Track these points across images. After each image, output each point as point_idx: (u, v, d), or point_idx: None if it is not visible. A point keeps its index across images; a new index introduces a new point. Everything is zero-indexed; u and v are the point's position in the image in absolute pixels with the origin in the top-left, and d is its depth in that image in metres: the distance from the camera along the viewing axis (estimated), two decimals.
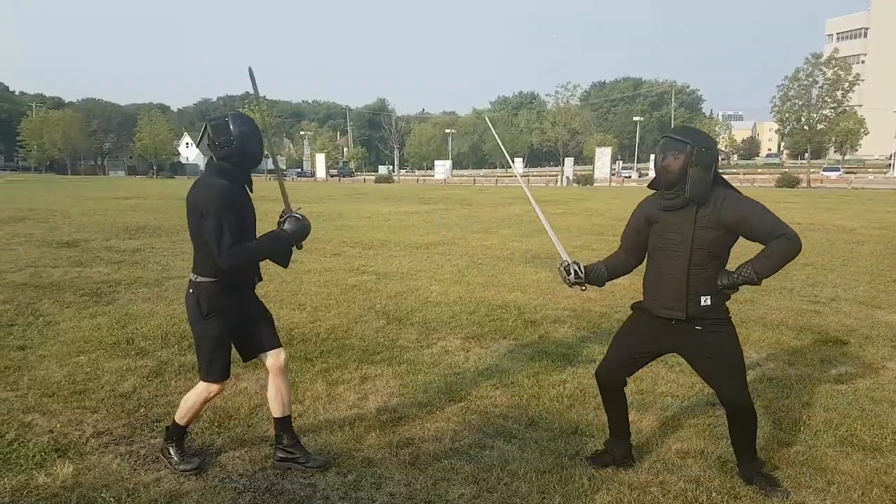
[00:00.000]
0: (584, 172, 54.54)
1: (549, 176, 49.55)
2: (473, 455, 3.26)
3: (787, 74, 49.61)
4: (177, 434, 3.10)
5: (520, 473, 3.06)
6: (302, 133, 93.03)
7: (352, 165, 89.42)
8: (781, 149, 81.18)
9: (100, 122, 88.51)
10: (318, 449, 3.32)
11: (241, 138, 2.87)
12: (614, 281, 3.28)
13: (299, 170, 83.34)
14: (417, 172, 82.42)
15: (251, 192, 3.08)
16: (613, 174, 53.56)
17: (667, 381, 4.38)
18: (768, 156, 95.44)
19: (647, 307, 2.96)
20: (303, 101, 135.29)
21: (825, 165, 61.20)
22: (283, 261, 3.08)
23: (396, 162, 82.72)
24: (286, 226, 3.01)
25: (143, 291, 7.31)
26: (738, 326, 5.84)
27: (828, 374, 4.57)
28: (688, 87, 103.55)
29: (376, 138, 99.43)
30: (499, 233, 13.78)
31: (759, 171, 59.12)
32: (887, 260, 9.80)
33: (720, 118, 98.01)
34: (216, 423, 3.61)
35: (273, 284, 7.73)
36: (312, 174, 75.52)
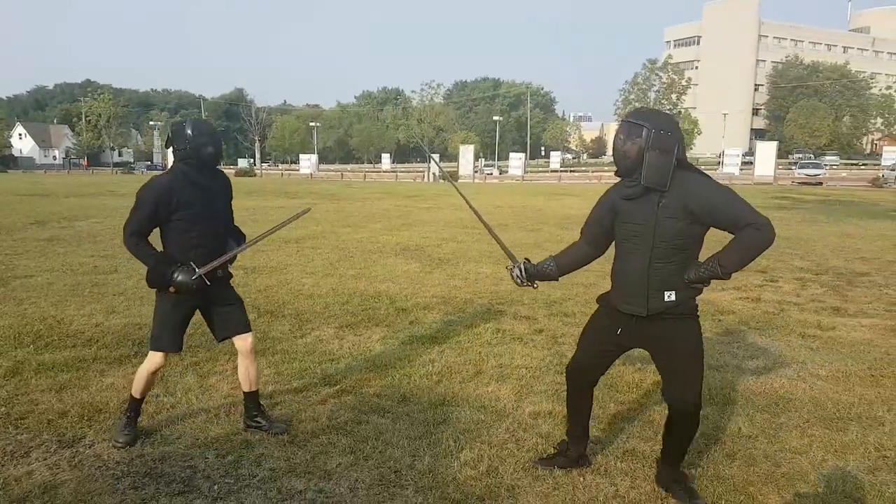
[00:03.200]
0: (449, 169, 55.98)
1: (417, 172, 50.41)
2: (350, 430, 3.49)
3: (627, 79, 54.28)
4: (131, 406, 3.33)
5: (393, 441, 3.34)
6: (151, 123, 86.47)
7: None
8: None
9: None
10: (194, 436, 3.38)
11: (195, 142, 3.09)
12: (478, 269, 3.57)
13: (149, 163, 77.48)
14: (281, 166, 79.88)
15: (225, 187, 3.34)
16: (476, 171, 55.52)
17: (522, 356, 4.87)
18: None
19: (612, 302, 2.83)
20: (151, 90, 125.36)
21: None
22: (150, 282, 3.18)
23: (258, 155, 79.65)
24: (176, 274, 3.08)
25: None
26: (584, 306, 6.62)
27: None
28: (542, 88, 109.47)
29: (235, 130, 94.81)
30: (369, 227, 13.97)
31: (606, 168, 64.21)
32: (713, 247, 11.24)
33: (571, 119, 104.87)
34: (85, 418, 3.54)
35: (131, 281, 7.39)
36: (164, 167, 70.63)
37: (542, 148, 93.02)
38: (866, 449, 3.31)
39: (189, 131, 3.09)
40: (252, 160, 77.48)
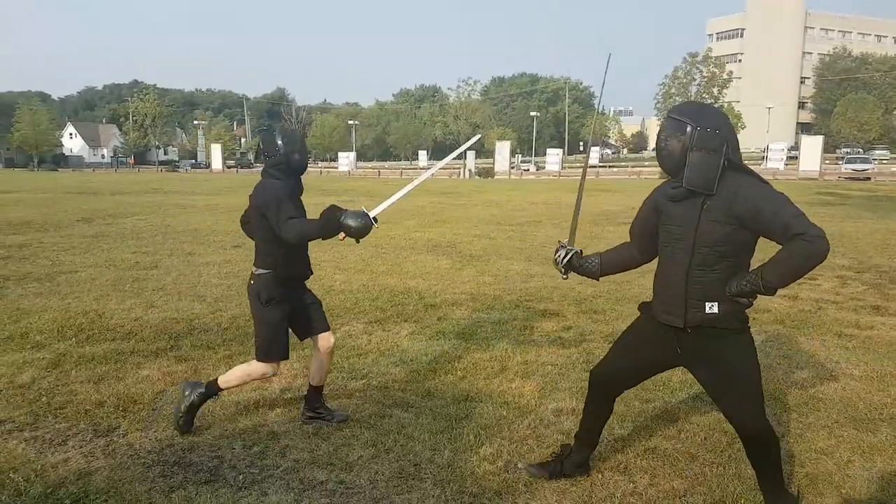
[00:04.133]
0: (485, 165, 55.89)
1: (453, 169, 50.58)
2: (373, 423, 3.56)
3: (666, 73, 53.29)
4: (209, 390, 3.41)
5: (415, 436, 3.39)
6: (196, 123, 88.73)
7: (250, 156, 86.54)
8: None
9: None
10: (223, 427, 3.49)
11: (285, 150, 3.24)
12: (508, 266, 3.54)
13: (193, 161, 79.49)
14: (320, 164, 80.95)
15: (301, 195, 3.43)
16: (513, 167, 55.29)
17: (548, 353, 4.86)
18: (654, 149, 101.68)
19: (653, 310, 2.63)
20: (196, 90, 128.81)
21: None
22: (324, 236, 3.17)
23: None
24: (348, 218, 3.08)
25: (34, 286, 7.02)
26: (615, 304, 6.57)
27: None
28: (581, 83, 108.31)
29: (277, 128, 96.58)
30: (403, 224, 14.08)
31: (647, 163, 63.15)
32: None
33: (612, 114, 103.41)
34: (120, 409, 3.70)
35: (171, 277, 7.64)
36: (208, 166, 72.36)
37: (581, 143, 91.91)
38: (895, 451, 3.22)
39: (280, 140, 3.24)
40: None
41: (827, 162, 46.58)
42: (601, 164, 60.21)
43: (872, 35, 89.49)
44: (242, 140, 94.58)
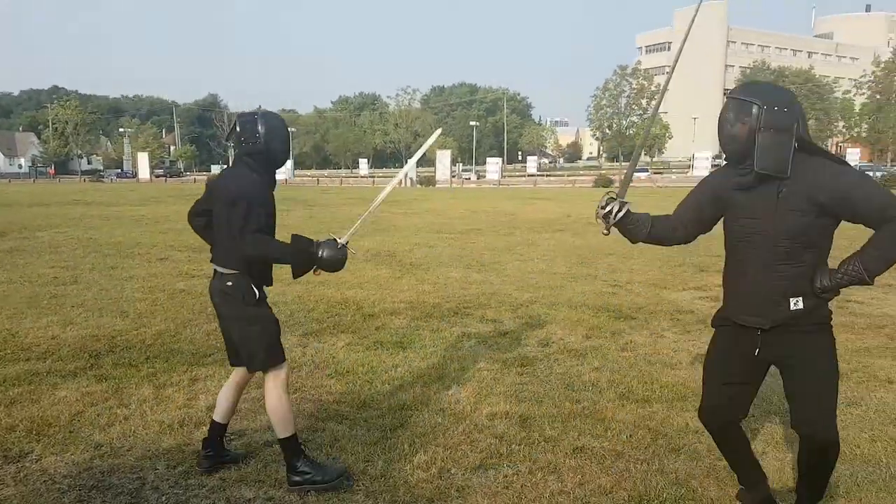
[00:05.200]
0: (426, 174, 56.10)
1: (394, 177, 50.71)
2: (306, 438, 3.47)
3: (598, 85, 55.13)
4: (293, 449, 2.93)
5: (348, 448, 3.34)
6: (121, 130, 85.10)
7: (180, 165, 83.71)
8: (601, 152, 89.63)
9: None
10: (145, 447, 3.35)
11: (267, 137, 2.84)
12: (448, 274, 3.53)
13: (119, 170, 76.22)
14: (224, 168, 79.35)
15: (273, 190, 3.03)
16: (454, 176, 55.75)
17: (485, 359, 4.91)
18: (589, 158, 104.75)
19: (729, 315, 2.43)
20: (122, 96, 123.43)
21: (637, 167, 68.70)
22: (295, 272, 2.86)
23: (231, 161, 78.91)
24: (323, 250, 2.81)
25: None
26: (549, 308, 6.71)
27: (616, 343, 5.39)
28: (518, 94, 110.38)
29: (207, 136, 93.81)
30: (341, 232, 13.93)
31: (581, 172, 64.88)
32: (676, 248, 11.40)
33: (548, 124, 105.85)
34: (34, 432, 3.49)
35: (91, 292, 7.29)
36: (135, 175, 69.56)
37: (520, 152, 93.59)
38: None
39: (262, 127, 2.83)
40: (225, 166, 76.63)
41: None
42: (539, 173, 61.44)
43: (789, 49, 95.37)
44: (172, 148, 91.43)
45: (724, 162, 2.42)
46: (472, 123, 79.27)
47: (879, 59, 61.47)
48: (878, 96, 65.21)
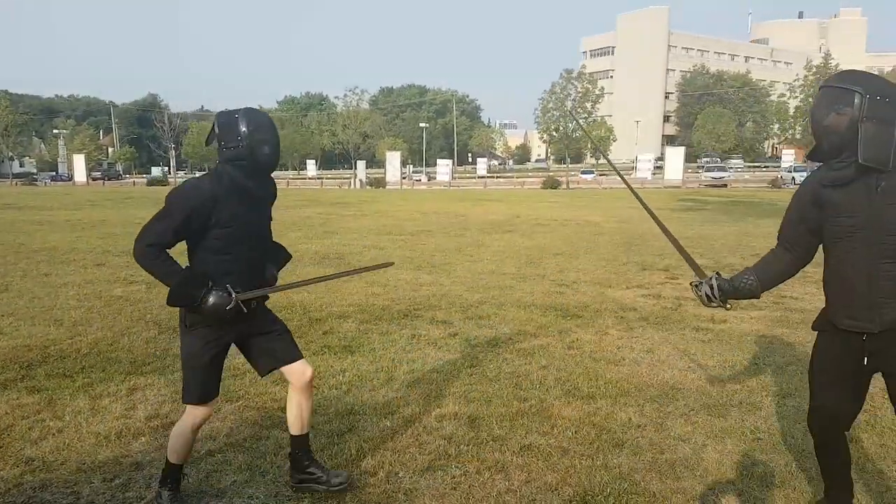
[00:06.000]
0: (376, 175, 55.75)
1: (343, 179, 49.93)
2: (248, 446, 3.41)
3: (545, 88, 56.06)
4: (169, 475, 2.74)
5: None
6: (56, 132, 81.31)
7: (119, 167, 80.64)
8: (548, 154, 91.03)
9: None
10: (80, 461, 3.21)
11: (250, 139, 2.52)
12: (398, 275, 3.43)
13: (53, 173, 72.80)
14: (199, 174, 76.90)
15: (272, 197, 2.78)
16: (404, 177, 55.61)
17: (434, 360, 4.91)
18: (537, 161, 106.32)
19: (831, 319, 2.32)
20: (56, 96, 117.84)
21: (582, 169, 70.22)
22: (170, 301, 2.53)
23: (173, 163, 76.52)
24: (209, 296, 2.47)
25: None
26: (499, 308, 6.77)
27: (563, 342, 5.47)
28: (468, 96, 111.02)
29: (147, 137, 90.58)
30: (287, 236, 13.67)
31: (530, 174, 65.76)
32: (621, 248, 11.71)
33: (497, 126, 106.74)
34: None
35: (23, 300, 6.94)
36: (70, 178, 66.61)
37: (469, 154, 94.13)
38: (743, 432, 3.55)
39: (243, 127, 2.51)
40: (167, 168, 74.27)
41: (689, 171, 50.82)
42: (489, 175, 61.97)
43: (727, 54, 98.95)
44: (110, 150, 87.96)
45: (808, 160, 2.40)
46: (422, 125, 79.29)
47: (811, 63, 64.53)
48: (810, 99, 68.51)
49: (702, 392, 4.18)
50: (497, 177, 62.93)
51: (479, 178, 56.92)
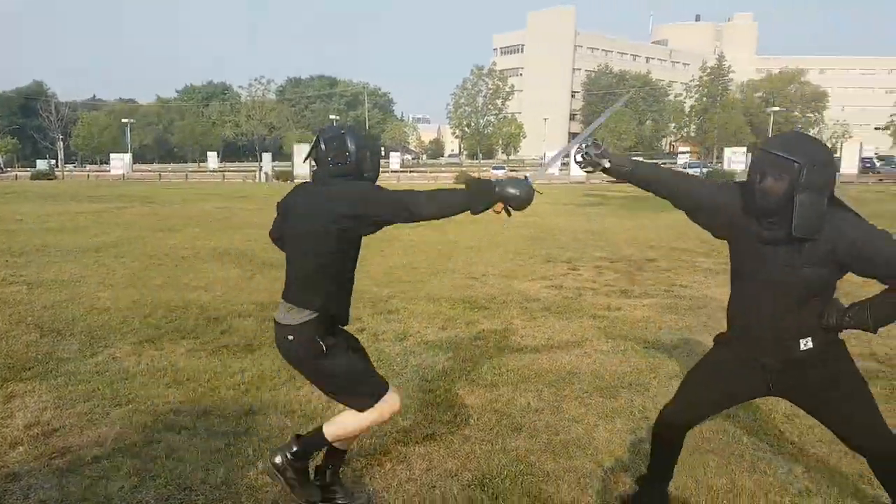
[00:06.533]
0: (284, 169, 54.16)
1: (248, 171, 48.05)
2: (138, 451, 3.24)
3: (457, 84, 56.69)
4: (333, 460, 2.73)
5: (186, 458, 3.15)
6: None
7: (0, 160, 73.93)
8: (461, 149, 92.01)
9: None
10: None
11: (358, 155, 2.61)
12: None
13: None
14: (89, 167, 71.81)
15: None
16: (313, 170, 54.35)
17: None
18: (451, 156, 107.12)
19: (735, 349, 2.38)
20: None
21: (494, 164, 71.51)
22: (478, 207, 2.52)
23: (61, 155, 71.04)
24: (507, 187, 2.49)
25: None
26: (408, 303, 6.78)
27: (470, 333, 5.57)
28: (380, 89, 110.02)
29: (32, 127, 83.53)
30: (185, 231, 13.08)
31: (443, 169, 66.26)
32: (528, 241, 12.02)
33: (410, 120, 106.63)
34: None
35: None
36: None
37: (382, 148, 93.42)
38: (632, 412, 3.76)
39: (351, 145, 2.61)
40: (53, 161, 68.79)
41: None
42: (402, 170, 61.87)
43: (629, 55, 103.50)
44: None
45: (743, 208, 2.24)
46: (333, 117, 77.73)
47: (706, 64, 68.81)
48: (704, 99, 73.20)
49: (595, 375, 4.39)
50: (410, 171, 62.89)
51: (392, 172, 56.68)
